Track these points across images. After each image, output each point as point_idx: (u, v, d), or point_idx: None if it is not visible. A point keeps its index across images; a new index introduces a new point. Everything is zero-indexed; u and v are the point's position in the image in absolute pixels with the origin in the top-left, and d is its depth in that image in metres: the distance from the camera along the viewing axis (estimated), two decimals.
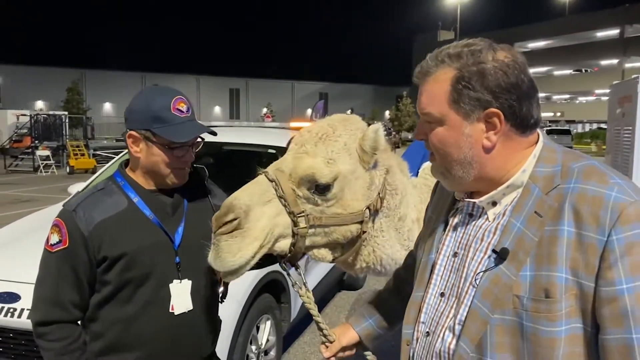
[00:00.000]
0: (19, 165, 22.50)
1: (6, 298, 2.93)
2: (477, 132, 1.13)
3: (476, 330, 1.11)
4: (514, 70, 1.11)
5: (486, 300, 1.11)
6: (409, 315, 1.32)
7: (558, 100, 64.25)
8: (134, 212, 1.75)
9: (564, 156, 1.14)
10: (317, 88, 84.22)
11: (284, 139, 4.84)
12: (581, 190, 1.05)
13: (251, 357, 3.52)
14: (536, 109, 1.14)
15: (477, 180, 1.18)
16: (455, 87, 1.12)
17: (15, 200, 13.50)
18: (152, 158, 1.74)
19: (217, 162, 5.17)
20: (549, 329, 1.04)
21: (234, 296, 3.19)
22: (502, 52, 1.13)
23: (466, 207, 1.25)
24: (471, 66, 1.11)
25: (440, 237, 1.30)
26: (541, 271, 1.05)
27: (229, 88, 78.91)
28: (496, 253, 1.12)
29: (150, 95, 1.78)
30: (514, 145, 1.15)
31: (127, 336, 1.72)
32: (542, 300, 1.04)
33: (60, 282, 1.69)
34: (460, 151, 1.15)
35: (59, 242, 1.70)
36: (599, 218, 1.01)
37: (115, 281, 1.70)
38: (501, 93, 1.10)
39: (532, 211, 1.10)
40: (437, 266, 1.27)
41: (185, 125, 1.74)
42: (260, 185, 1.57)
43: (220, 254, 1.48)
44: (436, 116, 1.16)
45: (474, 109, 1.12)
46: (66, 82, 52.04)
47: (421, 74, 1.19)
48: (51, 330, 1.68)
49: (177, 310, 1.76)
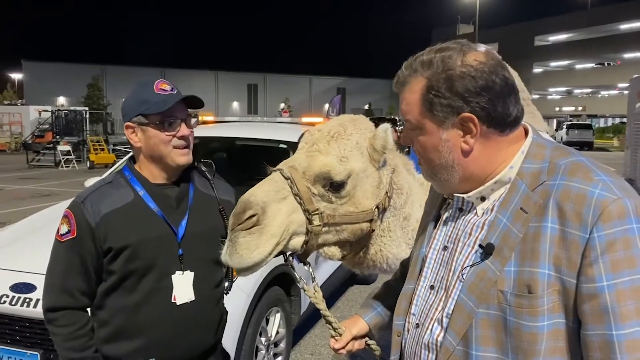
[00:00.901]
0: (41, 160, 22.92)
1: (22, 288, 3.02)
2: (454, 137, 1.15)
3: (462, 323, 1.14)
4: (483, 74, 1.11)
5: (472, 295, 1.13)
6: (399, 307, 1.35)
7: (580, 94, 63.18)
8: (140, 204, 1.81)
9: (552, 152, 1.15)
10: (335, 83, 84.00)
11: (296, 134, 4.88)
12: (565, 187, 1.06)
13: (261, 349, 3.57)
14: (514, 106, 1.14)
15: (464, 181, 1.20)
16: (426, 97, 1.15)
17: (37, 194, 13.78)
18: (150, 141, 1.80)
19: (230, 157, 5.23)
20: (531, 323, 1.06)
21: (243, 288, 3.24)
22: (472, 55, 1.13)
23: (456, 202, 1.27)
24: (440, 74, 1.13)
25: (431, 231, 1.33)
26: (524, 267, 1.07)
27: (247, 83, 79.10)
28: (482, 248, 1.14)
29: (135, 88, 1.87)
30: (495, 145, 1.16)
31: (131, 324, 1.78)
32: (524, 296, 1.06)
33: (69, 271, 1.76)
34: (440, 156, 1.18)
35: (68, 232, 1.77)
36: (581, 215, 1.02)
37: (120, 271, 1.77)
38: (471, 97, 1.11)
39: (518, 207, 1.11)
40: (427, 259, 1.30)
41: (170, 97, 1.80)
42: (275, 182, 1.58)
43: (238, 250, 1.49)
44: (414, 124, 1.20)
45: (447, 115, 1.14)
46: (87, 78, 52.71)
47: (399, 84, 1.22)
48: (60, 316, 1.76)
49: (179, 301, 1.82)
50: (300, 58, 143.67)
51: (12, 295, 3.00)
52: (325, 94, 74.86)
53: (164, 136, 1.79)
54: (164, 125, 1.79)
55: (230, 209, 2.01)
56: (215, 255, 1.96)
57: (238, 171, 4.80)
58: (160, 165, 1.84)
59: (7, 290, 3.03)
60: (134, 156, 1.93)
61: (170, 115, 1.80)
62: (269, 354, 3.70)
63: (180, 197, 1.88)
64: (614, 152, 32.14)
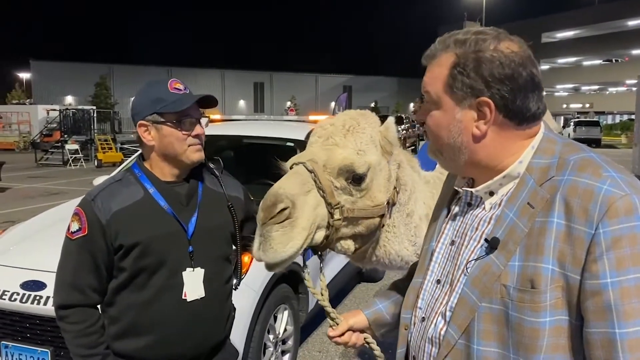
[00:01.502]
0: (49, 159, 23.07)
1: (32, 286, 3.05)
2: (467, 119, 1.15)
3: (464, 316, 1.14)
4: (512, 63, 1.10)
5: (475, 288, 1.13)
6: (407, 300, 1.35)
7: (587, 91, 62.82)
8: (150, 202, 1.82)
9: (563, 148, 1.14)
10: (341, 81, 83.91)
11: (303, 132, 4.88)
12: (573, 182, 1.05)
13: (269, 346, 3.59)
14: (535, 103, 1.13)
15: (469, 166, 1.20)
16: (451, 72, 1.14)
17: (45, 193, 13.87)
18: (165, 139, 1.82)
19: (237, 155, 5.25)
20: (532, 319, 1.05)
21: (251, 286, 3.25)
22: (506, 44, 1.13)
23: (465, 196, 1.27)
24: (470, 53, 1.12)
25: (441, 226, 1.33)
26: (529, 262, 1.06)
27: (253, 82, 79.22)
28: (487, 242, 1.13)
29: (146, 87, 1.88)
30: (508, 136, 1.15)
31: (142, 320, 1.80)
32: (527, 291, 1.05)
33: (80, 268, 1.77)
34: (450, 135, 1.17)
35: (79, 229, 1.78)
36: (588, 211, 1.01)
37: (131, 268, 1.78)
38: (494, 83, 1.10)
39: (525, 202, 1.10)
40: (435, 253, 1.31)
41: (185, 97, 1.83)
42: (300, 175, 1.56)
43: (272, 244, 1.46)
44: (433, 97, 1.19)
45: (466, 95, 1.13)
46: (94, 77, 53.01)
47: (428, 57, 1.22)
48: (71, 313, 1.77)
49: (189, 297, 1.83)
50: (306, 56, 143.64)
51: (22, 293, 3.03)
52: (331, 92, 74.78)
53: (180, 134, 1.81)
54: (180, 124, 1.81)
55: (239, 205, 2.04)
56: (224, 252, 1.98)
57: (245, 169, 4.82)
58: (173, 163, 1.86)
59: (18, 288, 3.06)
60: (142, 154, 1.94)
61: (187, 115, 1.82)
62: (276, 351, 3.71)
63: (189, 194, 1.90)
64: (622, 149, 31.93)
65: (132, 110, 1.87)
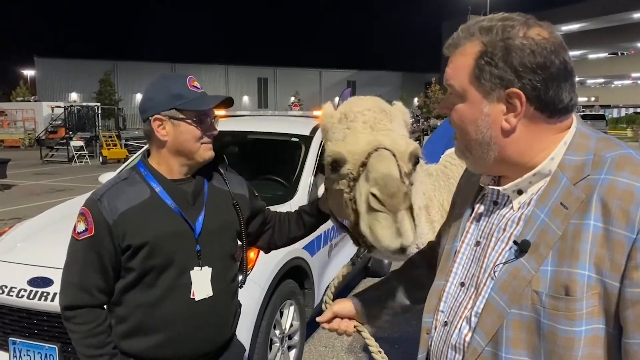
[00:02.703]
0: (54, 156, 23.16)
1: (39, 282, 3.06)
2: (496, 112, 1.07)
3: (492, 323, 1.07)
4: (544, 50, 1.03)
5: (504, 294, 1.06)
6: (429, 304, 1.28)
7: (592, 84, 62.50)
8: (156, 201, 1.81)
9: (597, 144, 1.06)
10: (345, 76, 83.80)
11: (307, 128, 4.88)
12: (611, 182, 0.98)
13: (275, 342, 3.60)
14: (567, 94, 1.06)
15: (498, 163, 1.12)
16: (478, 62, 1.07)
17: (51, 190, 13.92)
18: (181, 136, 1.80)
19: (242, 151, 5.25)
20: (567, 328, 0.98)
21: (257, 282, 3.26)
22: (536, 30, 1.05)
23: (491, 195, 1.19)
24: (498, 41, 1.05)
25: (465, 225, 1.25)
26: (562, 267, 0.99)
27: (257, 77, 79.18)
28: (517, 245, 1.06)
29: (163, 81, 1.86)
30: (539, 130, 1.08)
31: (150, 320, 1.79)
32: (561, 298, 0.98)
33: (86, 269, 1.76)
34: (477, 130, 1.10)
35: (85, 230, 1.76)
36: (628, 213, 0.94)
37: (139, 268, 1.77)
38: (525, 73, 1.03)
39: (558, 202, 1.03)
40: (459, 255, 1.23)
41: (205, 96, 1.84)
42: (393, 159, 1.50)
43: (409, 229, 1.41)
44: (458, 90, 1.12)
45: (494, 87, 1.06)
46: (98, 73, 53.14)
47: (451, 46, 1.14)
48: (78, 314, 1.76)
49: (197, 296, 1.82)
50: (310, 51, 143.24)
51: (29, 290, 3.05)
52: (335, 87, 74.68)
53: (199, 133, 1.81)
54: (199, 122, 1.81)
55: (244, 202, 2.03)
56: (230, 250, 1.98)
57: (250, 165, 4.81)
58: (184, 160, 1.85)
59: (25, 285, 3.07)
60: (147, 152, 1.93)
61: (205, 114, 1.82)
62: (283, 346, 3.72)
63: (196, 192, 1.89)
64: (627, 142, 31.66)
65: (146, 103, 1.83)
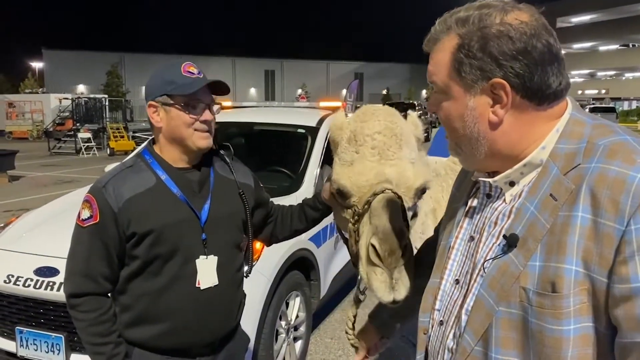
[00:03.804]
0: (62, 148, 23.27)
1: (46, 272, 3.07)
2: (481, 105, 1.03)
3: (481, 322, 1.03)
4: (522, 35, 0.97)
5: (492, 291, 1.01)
6: (425, 303, 1.23)
7: (603, 76, 61.91)
8: (162, 189, 1.80)
9: (592, 131, 0.99)
10: (352, 68, 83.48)
11: (314, 119, 4.85)
12: (602, 170, 0.92)
13: (281, 332, 3.59)
14: (555, 78, 1.00)
15: (490, 158, 1.07)
16: (456, 56, 1.03)
17: (59, 181, 13.99)
18: (172, 122, 1.79)
19: (248, 142, 5.23)
20: (554, 327, 0.93)
21: (263, 272, 3.25)
22: (514, 14, 0.99)
23: (483, 188, 1.14)
24: (475, 31, 1.00)
25: (459, 220, 1.21)
26: (550, 262, 0.94)
27: (264, 69, 79.08)
28: (506, 239, 1.01)
29: (161, 68, 1.86)
30: (529, 119, 1.02)
31: (155, 308, 1.78)
32: (547, 295, 0.93)
33: (91, 256, 1.75)
34: (465, 126, 1.05)
35: (90, 217, 1.75)
36: (618, 204, 0.88)
37: (144, 256, 1.76)
38: (506, 60, 0.98)
39: (548, 194, 0.97)
40: (453, 251, 1.19)
41: (196, 81, 1.79)
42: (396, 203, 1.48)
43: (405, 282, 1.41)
44: (440, 86, 1.08)
45: (476, 79, 1.01)
46: (106, 65, 53.25)
47: (430, 42, 1.10)
48: (83, 302, 1.75)
49: (203, 285, 1.81)
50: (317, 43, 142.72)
51: (36, 279, 3.05)
52: (342, 79, 74.49)
53: (188, 118, 1.78)
54: (188, 108, 1.78)
55: (249, 192, 2.01)
56: (236, 239, 1.96)
57: (257, 156, 4.80)
58: (181, 148, 1.83)
59: (31, 274, 3.08)
60: (153, 139, 1.92)
61: (196, 99, 1.79)
62: (289, 337, 3.71)
63: (201, 181, 1.87)
64: (638, 135, 31.50)
65: (145, 91, 1.86)
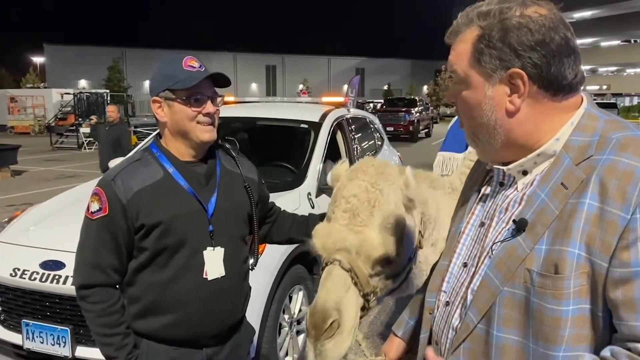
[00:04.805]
0: (64, 142, 23.31)
1: (52, 266, 3.10)
2: (499, 94, 1.07)
3: (485, 300, 1.08)
4: (541, 28, 1.02)
5: (498, 271, 1.06)
6: (433, 284, 1.29)
7: (604, 72, 61.78)
8: (170, 182, 1.83)
9: (605, 125, 1.04)
10: (354, 63, 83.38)
11: (317, 114, 4.87)
12: (612, 162, 0.96)
13: (284, 326, 3.62)
14: (571, 70, 1.05)
15: (506, 147, 1.11)
16: (477, 47, 1.07)
17: (61, 176, 14.02)
18: (175, 116, 1.82)
19: (251, 137, 5.25)
20: (554, 307, 0.98)
21: (267, 266, 3.27)
22: (534, 8, 1.05)
23: (497, 176, 1.20)
24: (496, 24, 1.05)
25: (471, 207, 1.26)
26: (555, 245, 0.99)
27: (266, 65, 79.02)
28: (515, 223, 1.06)
29: (163, 64, 1.89)
30: (545, 110, 1.07)
31: (163, 300, 1.81)
32: (549, 276, 0.98)
33: (101, 248, 1.78)
34: (482, 114, 1.09)
35: (99, 209, 1.78)
36: (625, 194, 0.92)
37: (152, 248, 1.78)
38: (524, 51, 1.02)
39: (559, 182, 1.02)
40: (463, 235, 1.24)
41: (197, 74, 1.81)
42: (339, 278, 1.53)
43: (328, 355, 1.48)
44: (461, 75, 1.12)
45: (495, 69, 1.06)
46: (107, 60, 53.14)
47: (452, 34, 1.15)
48: (92, 293, 1.78)
49: (210, 276, 1.84)
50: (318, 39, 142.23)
51: (42, 273, 3.08)
52: (344, 74, 74.35)
53: (190, 112, 1.80)
54: (190, 101, 1.80)
55: (254, 186, 2.04)
56: (242, 232, 1.99)
57: (259, 151, 4.82)
58: (186, 142, 1.85)
59: (37, 268, 3.11)
60: (159, 133, 1.94)
61: (197, 92, 1.80)
62: (292, 330, 3.74)
63: (208, 174, 1.90)
64: None
65: (149, 87, 1.88)
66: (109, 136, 8.85)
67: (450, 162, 2.40)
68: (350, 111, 5.84)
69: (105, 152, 8.56)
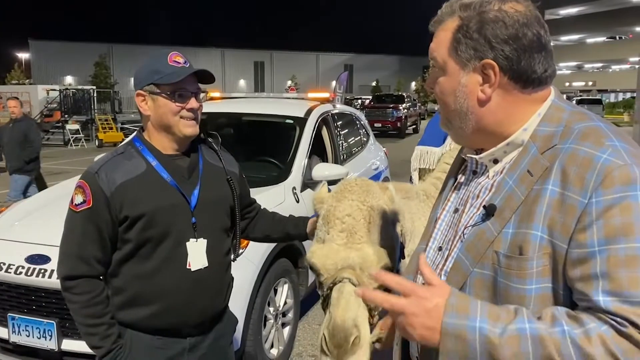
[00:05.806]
0: (50, 139, 23.05)
1: (37, 260, 3.11)
2: (472, 82, 1.13)
3: (457, 281, 1.14)
4: (515, 23, 1.09)
5: (469, 254, 1.13)
6: (410, 266, 1.37)
7: (590, 69, 62.40)
8: (153, 175, 1.86)
9: (570, 116, 1.11)
10: (342, 60, 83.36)
11: (302, 110, 4.91)
12: (573, 151, 1.03)
13: (269, 318, 3.67)
14: (541, 65, 1.11)
15: (477, 133, 1.18)
16: (455, 36, 1.13)
17: (47, 173, 13.82)
18: (159, 110, 1.85)
19: (236, 133, 5.27)
20: (519, 285, 1.05)
21: (251, 259, 3.32)
22: (511, 4, 1.11)
23: (470, 164, 1.27)
24: (474, 15, 1.11)
25: (447, 194, 1.34)
26: (520, 229, 1.06)
27: (254, 61, 78.75)
28: (485, 209, 1.13)
29: (149, 58, 1.93)
30: (514, 100, 1.13)
31: (147, 290, 1.84)
32: (514, 257, 1.05)
33: (85, 240, 1.81)
34: (456, 101, 1.16)
35: (83, 202, 1.81)
36: (584, 180, 0.99)
37: (136, 239, 1.82)
38: (498, 44, 1.09)
39: (525, 170, 1.09)
40: (439, 221, 1.31)
41: (182, 70, 1.85)
42: (352, 295, 1.55)
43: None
44: (439, 62, 1.18)
45: (470, 58, 1.12)
46: (94, 56, 52.74)
47: (435, 23, 1.21)
48: (77, 284, 1.81)
49: (193, 267, 1.88)
50: (307, 35, 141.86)
51: (27, 267, 3.10)
52: (332, 70, 74.37)
53: (174, 106, 1.84)
54: (174, 96, 1.84)
55: (236, 179, 2.08)
56: (224, 224, 2.03)
57: (245, 146, 4.85)
58: (169, 135, 1.89)
59: (23, 262, 3.13)
60: (143, 126, 1.98)
61: (182, 87, 1.84)
62: (277, 323, 3.80)
63: (191, 167, 1.94)
64: (624, 127, 31.79)
65: (134, 81, 1.92)
66: (13, 133, 7.66)
67: (427, 155, 2.47)
68: (336, 107, 5.88)
69: (12, 152, 7.58)
